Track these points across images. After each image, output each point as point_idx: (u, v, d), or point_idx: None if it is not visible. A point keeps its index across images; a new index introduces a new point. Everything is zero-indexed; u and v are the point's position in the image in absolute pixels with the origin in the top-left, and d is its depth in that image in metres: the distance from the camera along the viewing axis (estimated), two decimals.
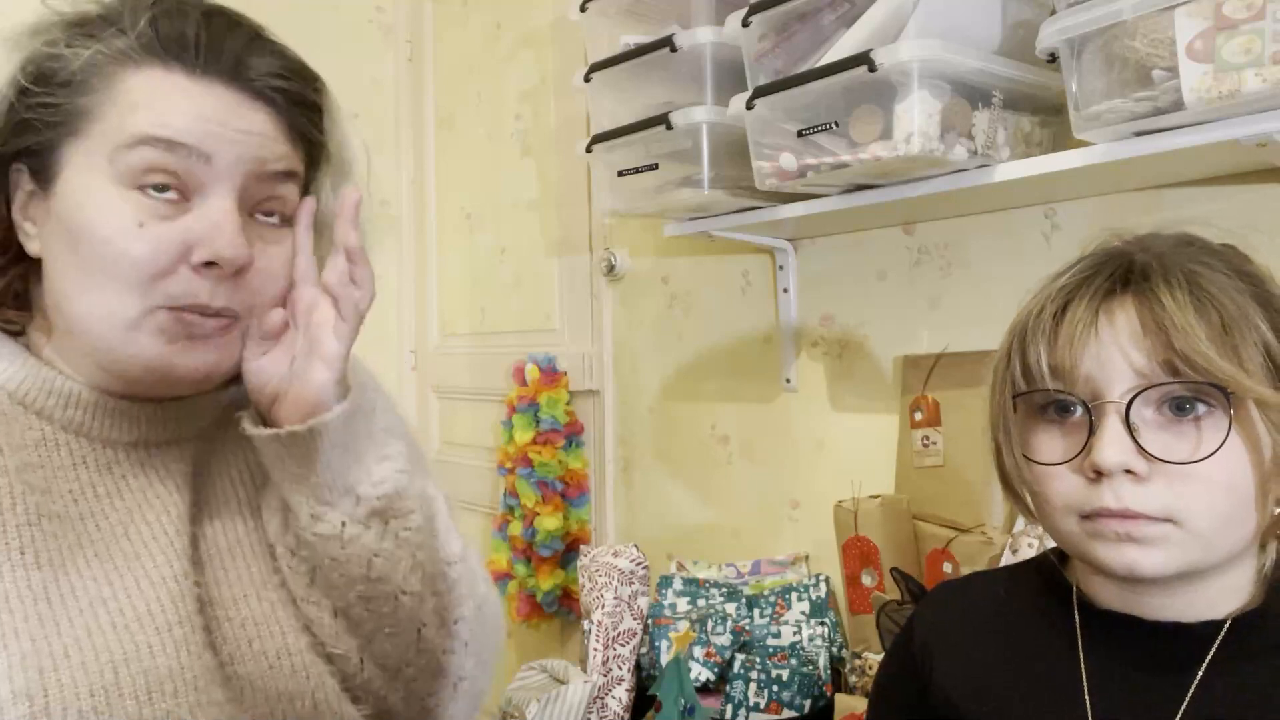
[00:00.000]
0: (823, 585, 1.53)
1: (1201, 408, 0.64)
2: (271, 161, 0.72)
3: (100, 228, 0.68)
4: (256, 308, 0.74)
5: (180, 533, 0.74)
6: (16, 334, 0.76)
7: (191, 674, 0.69)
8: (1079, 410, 0.67)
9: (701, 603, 1.56)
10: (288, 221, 0.76)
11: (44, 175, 0.71)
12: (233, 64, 0.71)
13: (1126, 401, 0.64)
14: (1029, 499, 0.73)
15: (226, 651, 0.73)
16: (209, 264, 0.69)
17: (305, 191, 0.79)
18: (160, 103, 0.68)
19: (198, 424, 0.80)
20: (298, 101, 0.75)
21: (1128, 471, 0.64)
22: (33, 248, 0.73)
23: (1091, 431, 0.65)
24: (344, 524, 0.75)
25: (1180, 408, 0.64)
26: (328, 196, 0.80)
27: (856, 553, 1.41)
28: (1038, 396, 0.69)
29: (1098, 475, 0.65)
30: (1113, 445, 0.64)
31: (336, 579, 0.76)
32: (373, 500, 0.76)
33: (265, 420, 0.76)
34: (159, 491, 0.75)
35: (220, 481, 0.81)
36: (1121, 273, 0.67)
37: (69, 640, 0.65)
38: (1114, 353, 0.65)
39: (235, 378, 0.83)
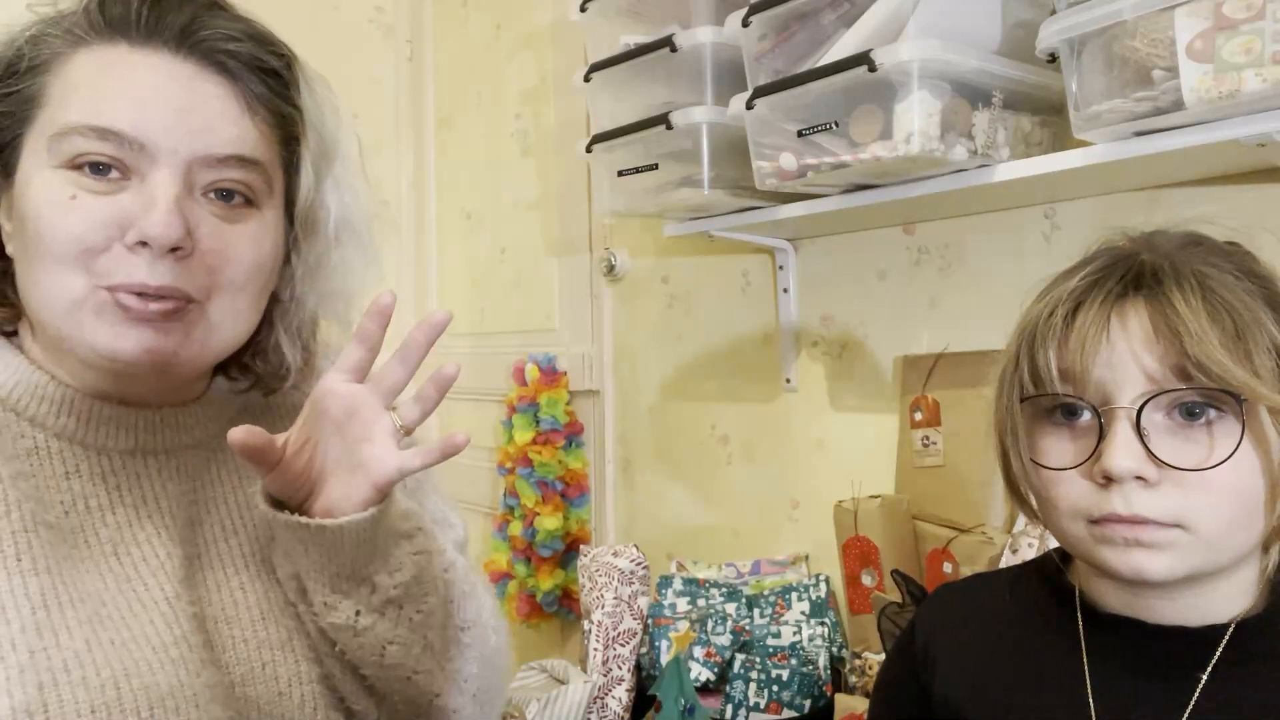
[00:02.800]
0: (823, 585, 1.53)
1: (1213, 413, 0.64)
2: (219, 145, 0.68)
3: (35, 205, 0.66)
4: (215, 289, 0.70)
5: (172, 555, 0.72)
6: (10, 334, 0.74)
7: (192, 691, 0.67)
8: (1088, 414, 0.66)
9: (701, 603, 1.56)
10: (254, 203, 0.72)
11: (7, 169, 0.69)
12: (178, 31, 0.68)
13: (1138, 407, 0.64)
14: (1034, 502, 0.73)
15: (239, 672, 0.72)
16: (142, 244, 0.66)
17: (287, 174, 0.75)
18: (98, 85, 0.66)
19: (197, 433, 0.77)
20: (254, 66, 0.70)
21: (1138, 477, 0.63)
22: (11, 247, 0.71)
23: (1101, 436, 0.65)
24: (358, 613, 0.72)
25: (1191, 412, 0.64)
26: (309, 181, 0.76)
27: (856, 553, 1.41)
28: (1045, 400, 0.69)
29: (1107, 481, 0.64)
30: (1124, 452, 0.63)
31: (351, 656, 0.75)
32: (389, 590, 0.73)
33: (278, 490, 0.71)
34: (152, 510, 0.73)
35: (233, 499, 0.79)
36: (1133, 276, 0.66)
37: (68, 654, 0.64)
38: (1126, 357, 0.64)
39: (232, 377, 0.81)
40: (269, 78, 0.72)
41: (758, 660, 1.43)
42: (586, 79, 1.53)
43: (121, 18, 0.68)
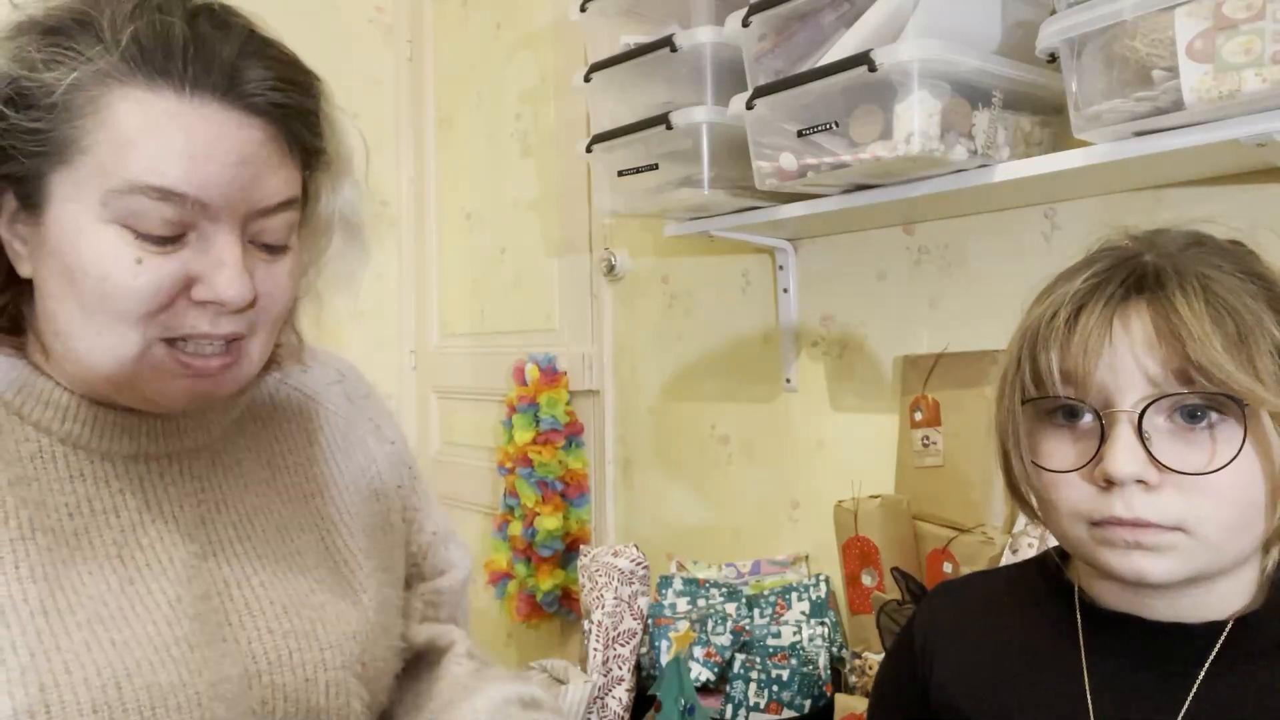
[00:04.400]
0: (823, 585, 1.53)
1: (1214, 416, 0.64)
2: (269, 196, 0.69)
3: (97, 265, 0.65)
4: (261, 325, 0.72)
5: (174, 559, 0.73)
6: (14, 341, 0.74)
7: (194, 690, 0.68)
8: (1089, 417, 0.66)
9: (701, 603, 1.56)
10: (288, 240, 0.73)
11: (30, 200, 0.67)
12: (225, 78, 0.66)
13: (1140, 411, 0.64)
14: (1035, 503, 0.73)
15: (266, 661, 0.73)
16: (212, 302, 0.67)
17: (305, 195, 0.76)
18: (152, 139, 0.64)
19: (200, 437, 0.78)
20: (296, 112, 0.71)
21: (1139, 481, 0.63)
22: (24, 269, 0.70)
23: (1103, 439, 0.65)
24: None
25: (1193, 415, 0.64)
26: (328, 197, 0.78)
27: (856, 553, 1.41)
28: (1047, 402, 0.69)
29: (1108, 484, 0.64)
30: (1125, 456, 0.63)
31: None
32: None
33: None
34: (155, 514, 0.74)
35: (242, 501, 0.79)
36: (1135, 278, 0.66)
37: (69, 655, 0.64)
38: (1128, 360, 0.64)
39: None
40: (306, 116, 0.72)
41: (758, 660, 1.43)
42: (586, 79, 1.53)
43: (164, 60, 0.65)
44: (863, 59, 1.12)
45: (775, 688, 1.41)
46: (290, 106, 0.70)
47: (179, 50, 0.65)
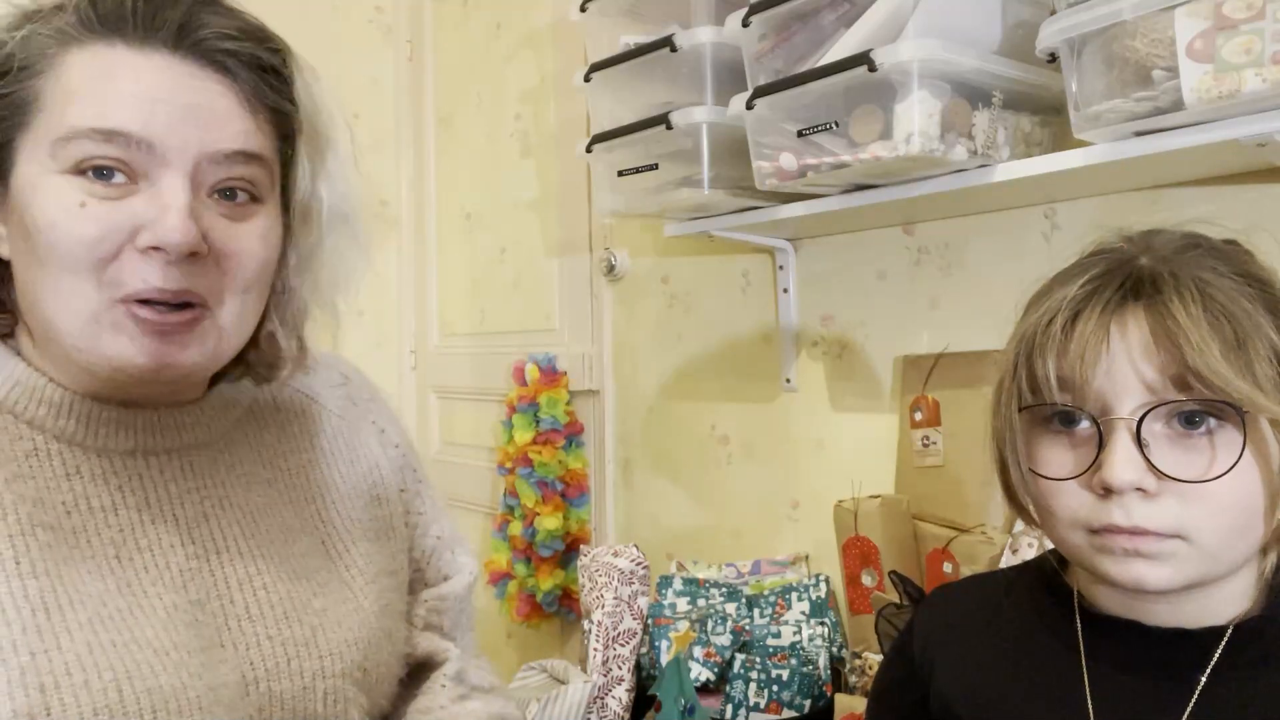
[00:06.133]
0: (823, 585, 1.53)
1: (1213, 422, 0.63)
2: (225, 141, 0.67)
3: (45, 215, 0.64)
4: (227, 290, 0.69)
5: (170, 564, 0.72)
6: (5, 336, 0.74)
7: (195, 693, 0.67)
8: (1086, 423, 0.66)
9: (701, 603, 1.56)
10: (259, 199, 0.71)
11: (2, 171, 0.67)
12: (177, 28, 0.66)
13: (1138, 419, 0.63)
14: (1033, 510, 0.72)
15: (265, 668, 0.72)
16: (154, 248, 0.65)
17: (284, 168, 0.74)
18: (98, 87, 0.64)
19: (199, 433, 0.77)
20: (254, 65, 0.69)
21: (1138, 489, 0.63)
22: (2, 250, 0.69)
23: (1101, 446, 0.64)
24: None
25: (1191, 421, 0.63)
26: (305, 175, 0.76)
27: (856, 553, 1.41)
28: (1044, 409, 0.68)
29: (1106, 492, 0.64)
30: (1124, 464, 0.63)
31: None
32: None
33: None
34: (155, 514, 0.72)
35: (245, 499, 0.78)
36: (1132, 283, 0.65)
37: (70, 657, 0.64)
38: (1125, 367, 0.64)
39: (242, 376, 0.81)
40: (267, 75, 0.71)
41: (758, 660, 1.43)
42: (586, 79, 1.53)
43: (116, 16, 0.66)
44: (863, 59, 1.12)
45: (775, 688, 1.41)
46: (246, 58, 0.69)
47: (130, 9, 0.66)
